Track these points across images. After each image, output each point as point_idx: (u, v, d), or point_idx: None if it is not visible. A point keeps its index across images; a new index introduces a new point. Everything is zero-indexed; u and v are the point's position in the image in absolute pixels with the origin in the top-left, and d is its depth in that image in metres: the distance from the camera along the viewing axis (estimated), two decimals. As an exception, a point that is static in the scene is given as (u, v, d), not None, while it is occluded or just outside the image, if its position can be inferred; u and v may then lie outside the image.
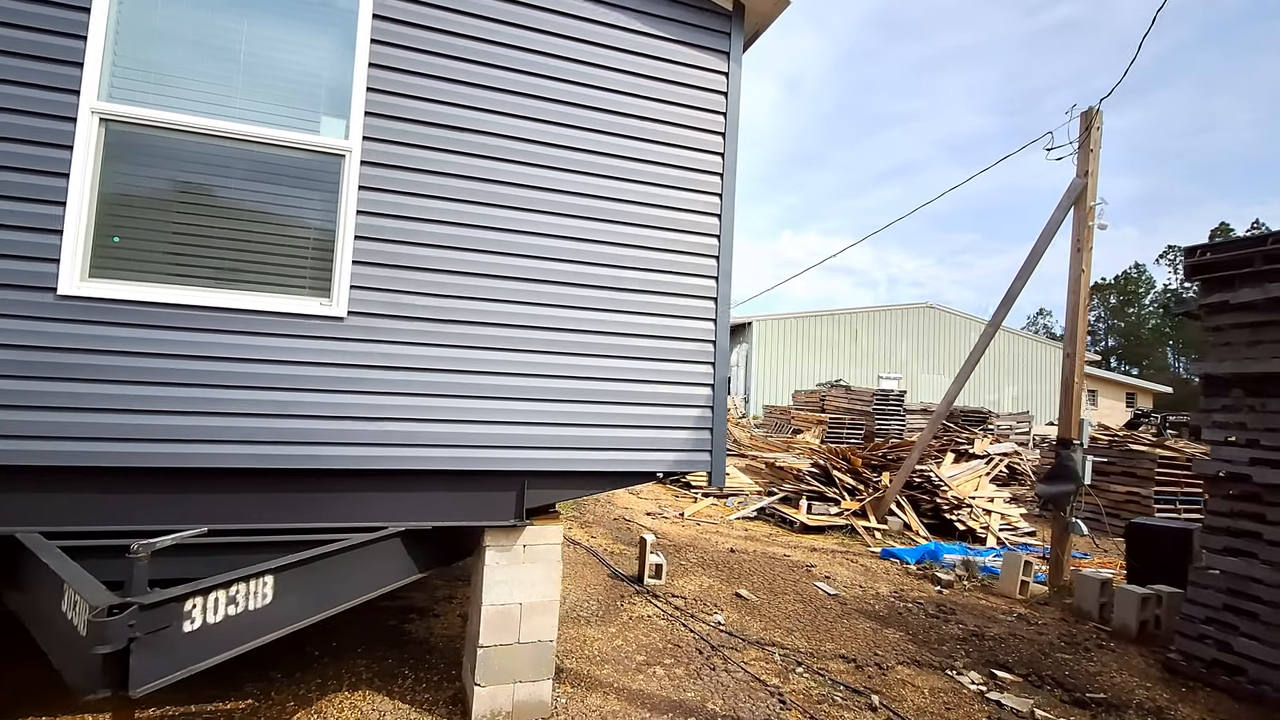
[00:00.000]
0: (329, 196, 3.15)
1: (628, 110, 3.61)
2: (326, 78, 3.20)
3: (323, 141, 3.14)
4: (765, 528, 9.02)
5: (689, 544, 7.72)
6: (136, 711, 3.18)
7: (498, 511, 3.40)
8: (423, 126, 3.28)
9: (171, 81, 3.00)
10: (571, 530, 8.16)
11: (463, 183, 3.32)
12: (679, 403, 3.65)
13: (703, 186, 3.75)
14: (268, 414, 2.99)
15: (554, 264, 3.44)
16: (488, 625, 3.40)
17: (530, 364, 3.39)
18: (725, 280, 3.77)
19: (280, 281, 3.10)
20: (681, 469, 3.66)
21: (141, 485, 2.88)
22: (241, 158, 3.08)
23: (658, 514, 9.51)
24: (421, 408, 3.21)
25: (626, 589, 5.86)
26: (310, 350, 3.07)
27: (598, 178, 3.54)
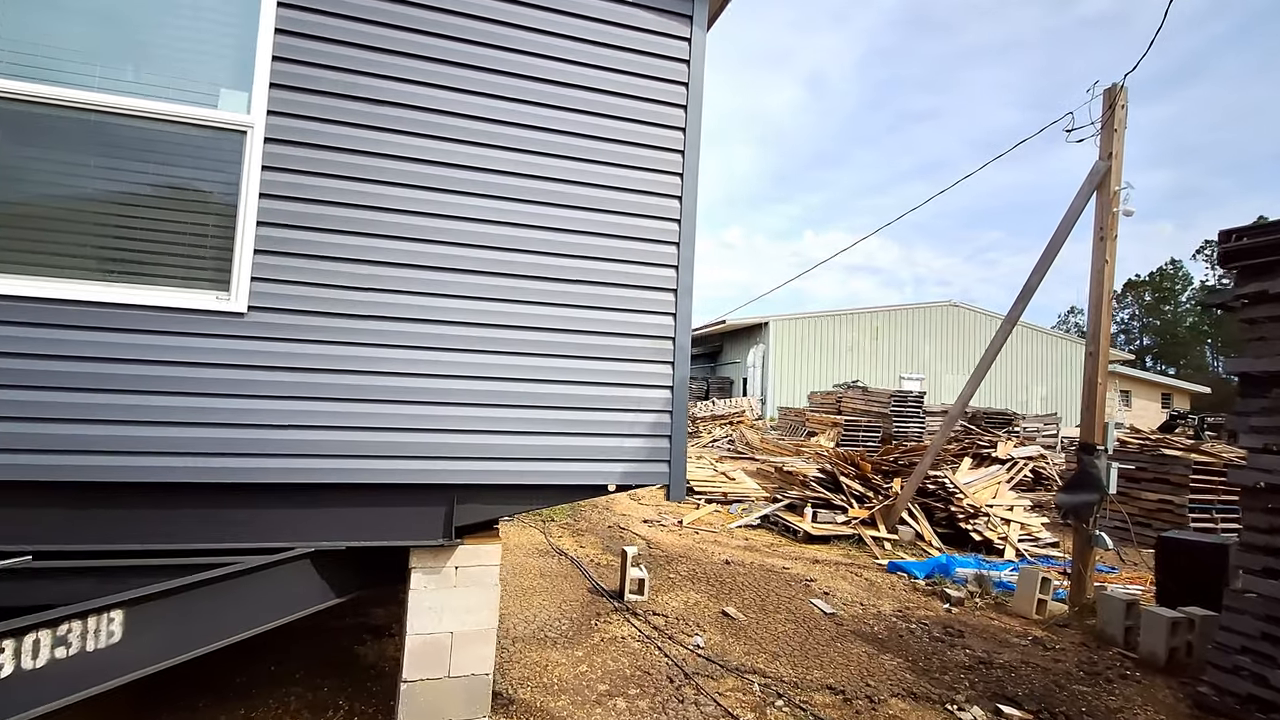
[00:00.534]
0: (230, 179, 2.82)
1: (574, 81, 3.24)
2: (227, 45, 2.88)
3: (221, 117, 2.81)
4: (768, 537, 8.56)
5: (682, 555, 7.30)
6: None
7: (424, 529, 3.04)
8: (337, 99, 2.93)
9: (52, 52, 2.70)
10: (561, 539, 7.81)
11: (381, 162, 2.97)
12: (632, 407, 3.26)
13: (662, 166, 3.36)
14: (156, 421, 2.66)
15: (485, 252, 3.07)
16: (413, 657, 3.04)
17: (459, 364, 3.02)
18: (687, 270, 3.37)
19: (174, 274, 2.78)
20: (635, 481, 3.26)
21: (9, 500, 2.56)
22: (131, 137, 2.76)
23: (655, 521, 9.11)
24: (332, 413, 2.86)
25: (605, 606, 5.47)
26: (206, 350, 2.74)
27: (538, 155, 3.17)
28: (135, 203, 2.77)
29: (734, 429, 19.55)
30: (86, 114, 2.68)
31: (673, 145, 3.37)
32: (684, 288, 3.36)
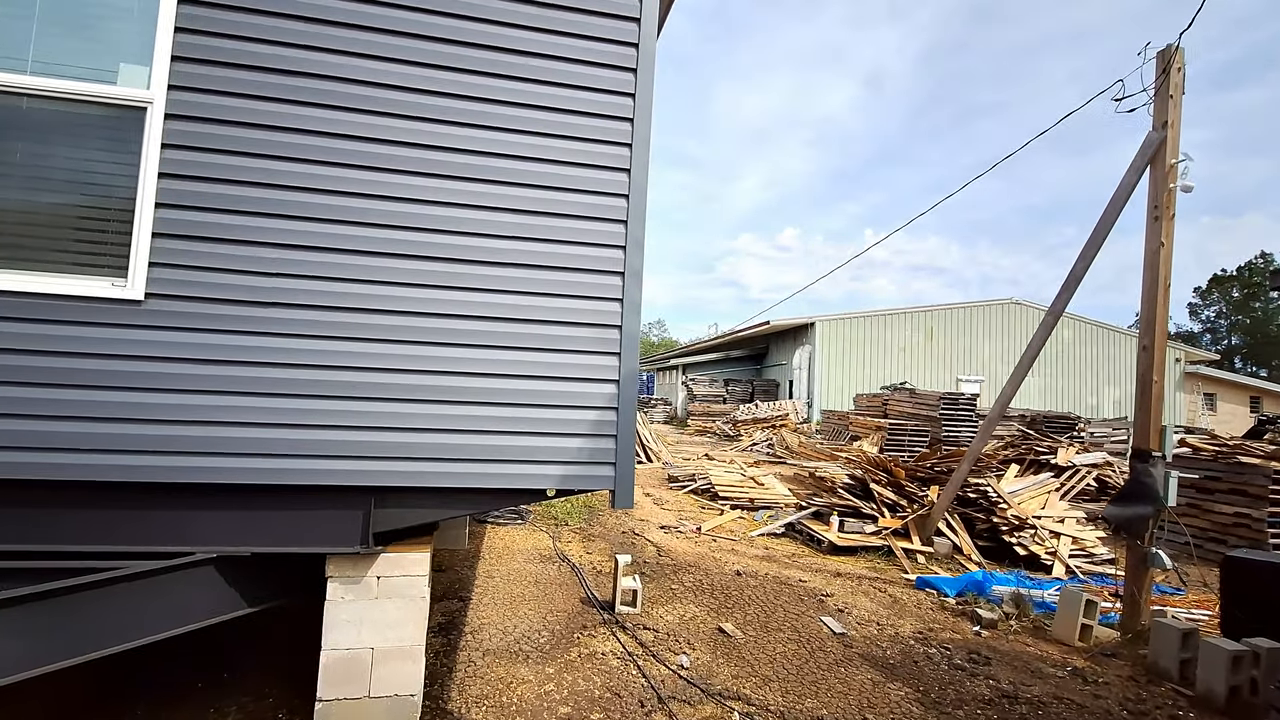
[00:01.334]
0: (130, 159, 2.65)
1: (507, 29, 2.94)
2: (128, 17, 2.71)
3: (119, 93, 2.64)
4: (790, 547, 8.05)
5: (691, 564, 6.90)
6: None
7: (339, 536, 2.80)
8: (241, 71, 2.73)
9: (-57, 29, 2.58)
10: (569, 544, 7.53)
11: (289, 136, 2.75)
12: (571, 403, 2.93)
13: (608, 135, 3.03)
14: (40, 415, 2.50)
15: (403, 233, 2.81)
16: (328, 674, 2.79)
17: (375, 355, 2.77)
18: (636, 250, 3.02)
19: (69, 260, 2.62)
20: (576, 486, 2.93)
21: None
22: (22, 116, 2.62)
23: (673, 528, 8.73)
24: (237, 408, 2.65)
25: (594, 617, 5.15)
26: (101, 340, 2.57)
27: (466, 128, 2.89)
28: (29, 186, 2.62)
29: (775, 432, 18.91)
30: (-21, 93, 2.55)
31: (621, 113, 3.04)
32: (633, 270, 3.01)
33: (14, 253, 2.56)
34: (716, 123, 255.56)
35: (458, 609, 5.16)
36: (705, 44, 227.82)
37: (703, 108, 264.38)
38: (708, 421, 24.86)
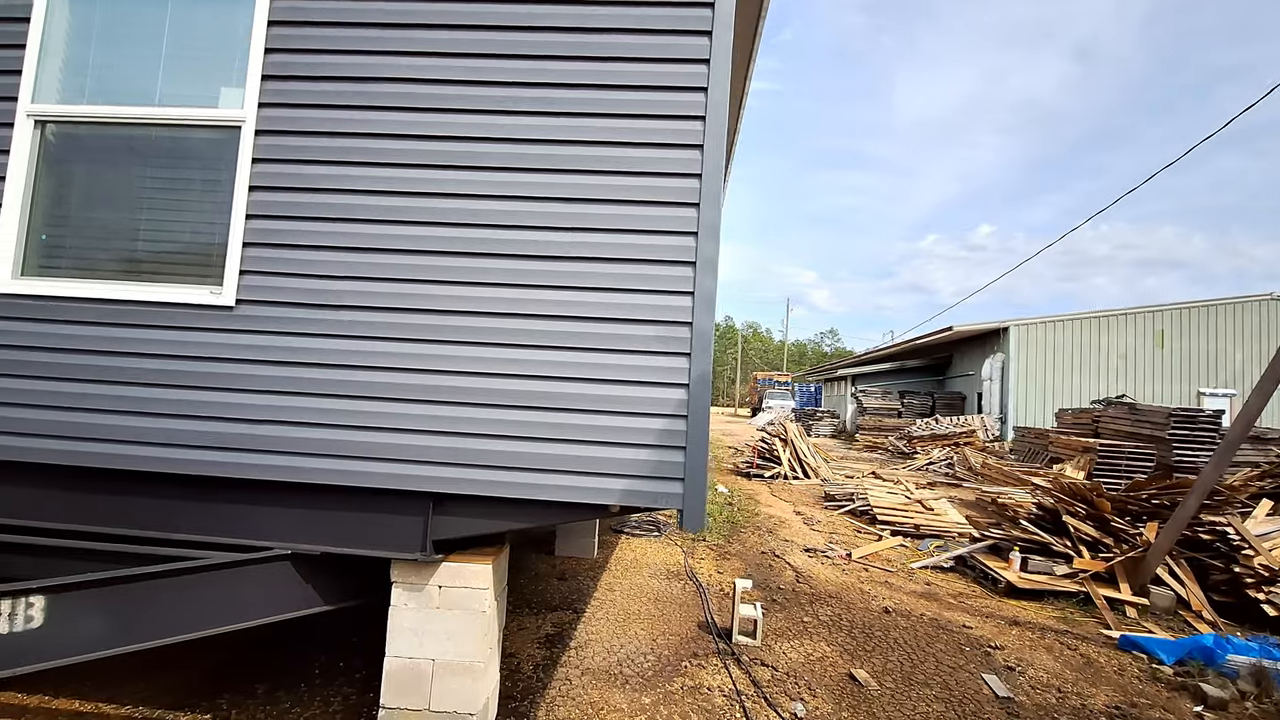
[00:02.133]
0: (227, 174, 2.84)
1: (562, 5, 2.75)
2: (226, 46, 2.92)
3: (219, 115, 2.86)
4: (957, 584, 6.95)
5: (832, 595, 6.20)
6: (80, 704, 3.17)
7: (401, 541, 2.75)
8: (318, 83, 2.83)
9: (93, 75, 2.97)
10: (702, 561, 7.17)
11: (362, 142, 2.79)
12: (634, 409, 2.63)
13: (679, 110, 2.70)
14: (158, 413, 2.74)
15: (460, 230, 2.71)
16: (391, 682, 2.74)
17: (432, 356, 2.70)
18: (709, 237, 2.65)
19: (181, 271, 2.87)
20: (639, 502, 2.61)
21: (37, 481, 2.81)
22: (149, 143, 2.92)
23: (819, 551, 7.98)
24: (304, 409, 2.71)
25: (708, 645, 4.75)
26: (200, 344, 2.78)
27: (526, 116, 2.74)
28: (150, 205, 2.92)
29: (957, 451, 16.89)
30: (115, 128, 2.88)
31: (691, 82, 2.70)
32: (706, 260, 2.64)
33: (133, 265, 2.86)
34: (895, 118, 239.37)
35: (569, 621, 5.05)
36: (879, 35, 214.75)
37: (879, 103, 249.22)
38: (879, 437, 22.99)
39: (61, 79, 2.95)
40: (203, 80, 2.93)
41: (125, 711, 3.33)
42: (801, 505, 11.25)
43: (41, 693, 3.44)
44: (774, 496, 12.11)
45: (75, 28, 2.98)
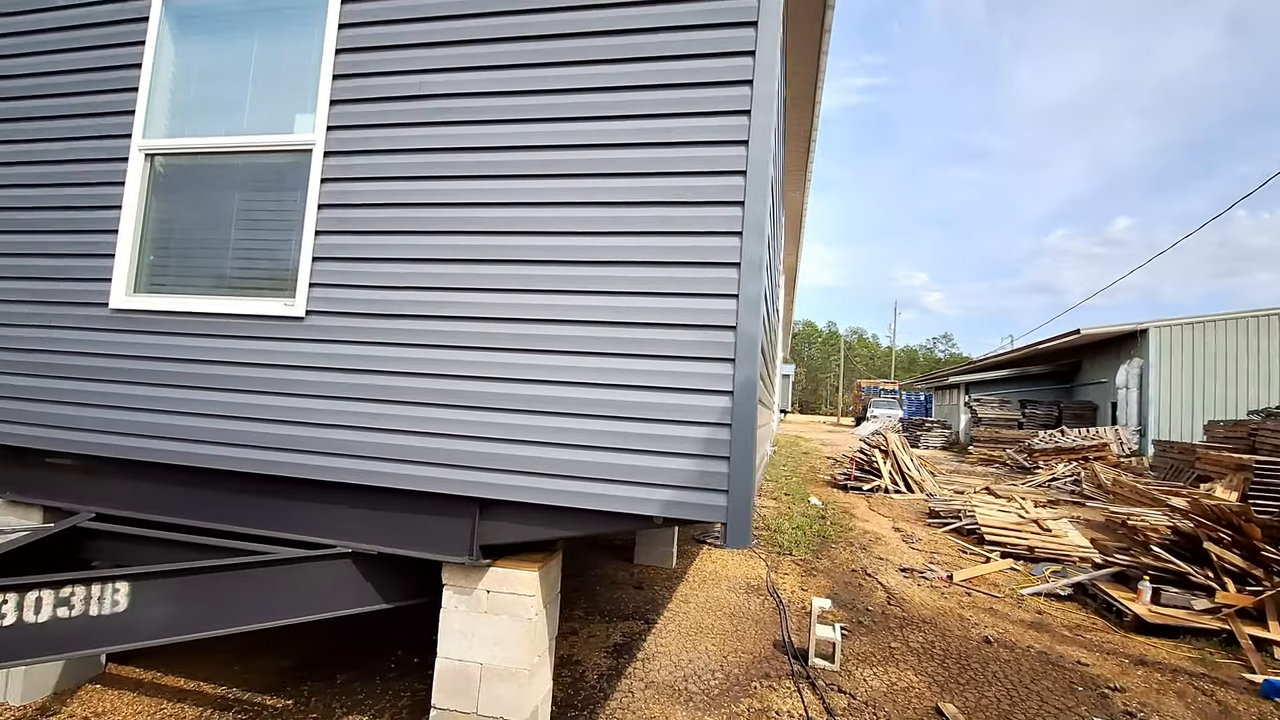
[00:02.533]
0: (300, 194, 3.04)
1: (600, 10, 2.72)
2: (301, 76, 3.13)
3: (294, 140, 3.07)
4: (1075, 615, 6.25)
5: (926, 620, 5.75)
6: (185, 682, 3.46)
7: (450, 545, 2.80)
8: (381, 104, 2.96)
9: (191, 110, 3.27)
10: (785, 576, 6.89)
11: (409, 157, 2.91)
12: (675, 417, 2.53)
13: (719, 104, 2.60)
14: (237, 416, 2.97)
15: (502, 239, 2.74)
16: (442, 683, 2.79)
17: (475, 363, 2.74)
18: (754, 237, 2.52)
19: (262, 285, 3.09)
20: (681, 514, 2.50)
21: (150, 476, 3.11)
22: (236, 170, 3.18)
23: (916, 572, 7.45)
24: (361, 414, 2.84)
25: (781, 666, 4.53)
26: (274, 352, 2.98)
27: (566, 122, 2.73)
28: (238, 226, 3.18)
29: (1085, 466, 15.33)
30: (208, 157, 3.17)
31: (734, 75, 2.58)
32: (750, 261, 2.51)
33: (222, 281, 3.12)
34: (1014, 106, 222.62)
35: (640, 631, 4.99)
36: (996, 18, 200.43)
37: (995, 92, 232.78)
38: (995, 449, 21.30)
39: (166, 115, 3.28)
40: (281, 108, 3.16)
41: (220, 691, 3.62)
42: (902, 521, 10.59)
43: (156, 669, 3.81)
44: (872, 511, 11.49)
45: (178, 69, 3.31)
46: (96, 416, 3.15)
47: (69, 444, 3.18)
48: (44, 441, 3.22)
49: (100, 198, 3.28)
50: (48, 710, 3.32)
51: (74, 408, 3.19)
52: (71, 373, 3.22)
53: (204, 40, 3.32)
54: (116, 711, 3.34)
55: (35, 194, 3.39)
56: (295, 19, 3.16)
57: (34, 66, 3.46)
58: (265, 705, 3.48)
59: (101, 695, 3.50)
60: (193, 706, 3.42)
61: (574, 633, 4.84)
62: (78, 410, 3.18)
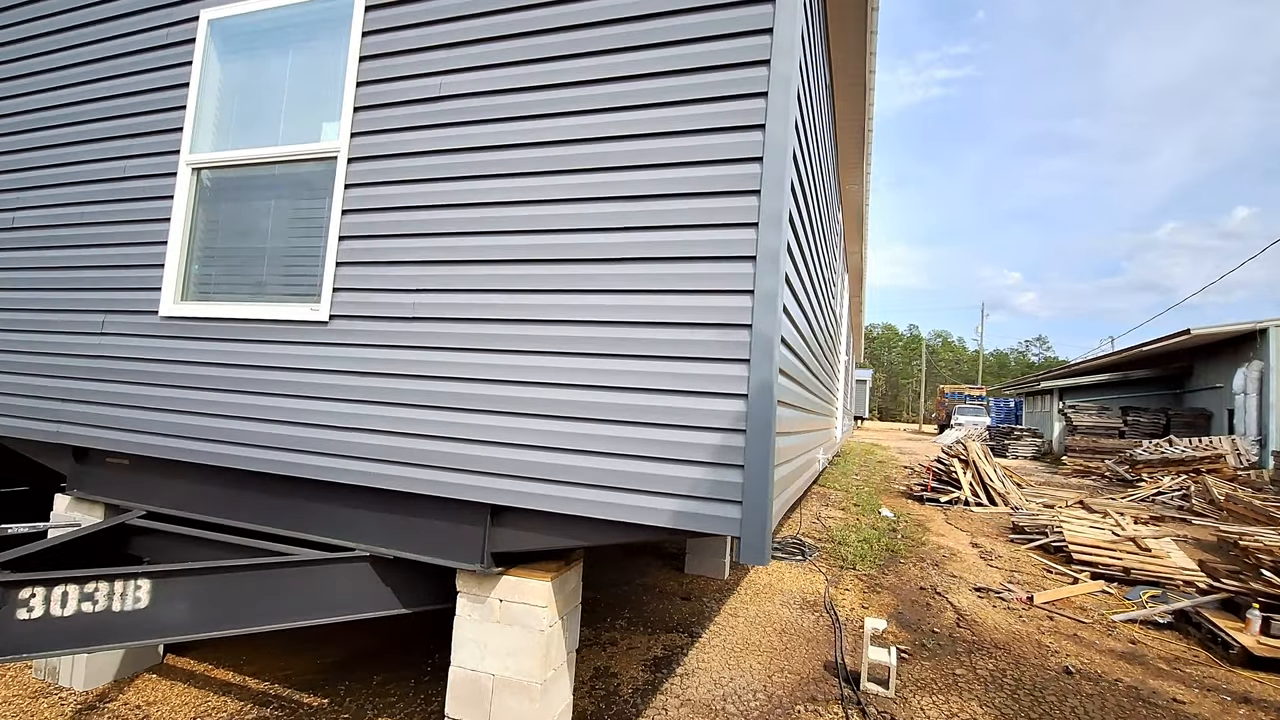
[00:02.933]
0: (324, 201, 3.10)
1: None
2: (329, 85, 3.18)
3: (320, 147, 3.12)
4: (1174, 645, 5.59)
5: (999, 645, 5.28)
6: (232, 675, 3.58)
7: (463, 551, 2.75)
8: (398, 108, 2.97)
9: (232, 124, 3.40)
10: (845, 592, 6.53)
11: (430, 159, 2.88)
12: (686, 421, 2.38)
13: (735, 87, 2.43)
14: (263, 419, 3.04)
15: (511, 238, 2.68)
16: (455, 692, 2.74)
17: (488, 365, 2.68)
18: (771, 228, 2.34)
19: (293, 290, 3.16)
20: (690, 526, 2.34)
21: (191, 476, 3.23)
22: (271, 179, 3.28)
23: (992, 591, 6.90)
24: (376, 417, 2.84)
25: (830, 690, 4.25)
26: (300, 356, 3.04)
27: (580, 115, 2.64)
28: (273, 233, 3.26)
29: (1195, 480, 13.91)
30: (246, 168, 3.28)
31: (751, 56, 2.41)
32: (767, 253, 2.33)
33: (258, 287, 3.21)
34: (1111, 92, 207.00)
35: (683, 644, 4.82)
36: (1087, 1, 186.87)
37: (1090, 78, 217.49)
38: (1092, 460, 19.70)
39: (209, 130, 3.43)
40: (312, 118, 3.23)
41: (263, 685, 3.72)
42: (981, 536, 9.90)
43: (209, 662, 3.97)
44: (949, 524, 10.81)
45: (220, 86, 3.46)
46: (143, 418, 3.31)
47: (122, 444, 3.36)
48: (102, 442, 3.42)
49: (153, 211, 3.46)
50: (106, 697, 3.51)
51: (126, 410, 3.37)
52: (126, 377, 3.41)
53: (243, 57, 3.44)
54: (165, 701, 3.49)
55: (98, 210, 3.63)
56: (324, 29, 3.23)
57: (94, 93, 3.71)
58: (302, 703, 3.55)
59: (156, 685, 3.68)
60: (235, 700, 3.53)
61: (613, 643, 4.73)
62: (129, 413, 3.36)
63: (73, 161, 3.75)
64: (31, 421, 3.64)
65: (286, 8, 3.31)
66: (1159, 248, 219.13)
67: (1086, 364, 28.23)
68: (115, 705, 3.43)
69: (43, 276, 3.75)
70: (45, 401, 3.61)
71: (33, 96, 3.92)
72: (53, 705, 3.41)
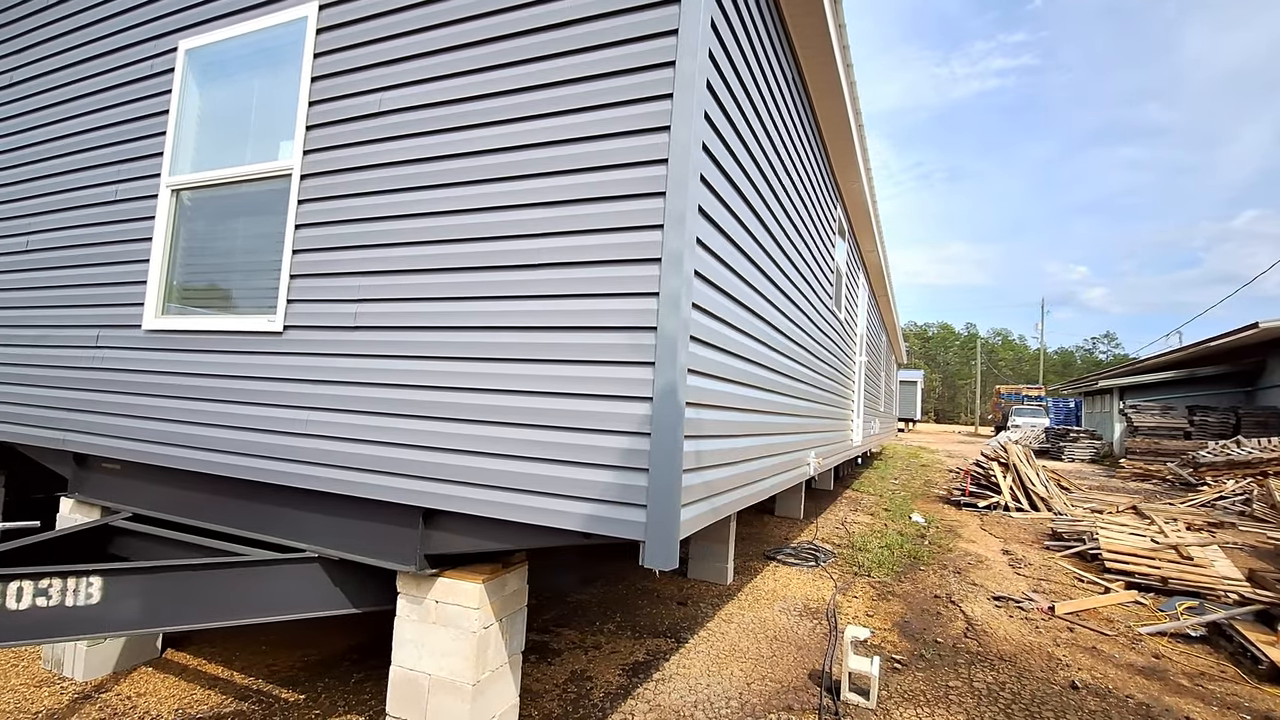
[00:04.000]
0: (283, 217, 3.23)
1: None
2: (288, 106, 3.32)
3: (278, 166, 3.26)
4: (1201, 659, 5.22)
5: (1004, 658, 5.05)
6: (222, 670, 3.75)
7: (401, 553, 2.82)
8: (347, 124, 3.08)
9: (205, 147, 3.59)
10: (856, 599, 6.37)
11: (377, 173, 2.98)
12: (593, 425, 2.38)
13: (638, 91, 2.44)
14: (226, 425, 3.19)
15: (421, 249, 2.76)
16: (395, 691, 2.81)
17: (413, 371, 2.75)
18: (676, 229, 2.32)
19: (256, 303, 3.31)
20: (599, 529, 2.34)
21: (167, 480, 3.41)
22: (238, 199, 3.45)
23: (1013, 601, 6.59)
24: (325, 423, 2.94)
25: (809, 700, 4.15)
26: (258, 365, 3.18)
27: (495, 126, 2.69)
28: (240, 250, 3.43)
29: (1262, 484, 12.97)
30: (217, 188, 3.46)
31: (654, 59, 2.41)
32: (673, 256, 2.32)
33: (226, 300, 3.38)
34: (1183, 75, 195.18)
35: (666, 650, 4.79)
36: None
37: (1161, 62, 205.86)
38: (1152, 463, 18.60)
39: (185, 154, 3.64)
40: (273, 138, 3.39)
41: (248, 681, 3.89)
42: (1015, 543, 9.48)
43: (202, 657, 4.18)
44: (983, 530, 10.40)
45: (195, 111, 3.66)
46: (128, 426, 3.53)
47: (112, 450, 3.58)
48: (96, 448, 3.66)
49: (139, 231, 3.69)
50: (103, 687, 3.73)
51: (115, 418, 3.60)
52: (116, 387, 3.64)
53: (217, 82, 3.64)
54: (155, 693, 3.69)
55: (96, 231, 3.89)
56: (285, 53, 3.38)
57: (93, 123, 3.99)
58: (280, 698, 3.69)
59: (149, 677, 3.89)
60: (218, 694, 3.70)
61: (597, 647, 4.74)
62: (117, 421, 3.59)
63: (77, 187, 4.03)
64: (41, 430, 3.92)
65: (254, 34, 3.48)
66: (1237, 237, 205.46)
67: (1149, 361, 26.66)
68: (108, 695, 3.65)
69: (51, 295, 4.04)
70: (52, 411, 3.89)
71: (43, 129, 4.24)
72: (53, 694, 3.65)
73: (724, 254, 2.79)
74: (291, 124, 3.25)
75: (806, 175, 4.84)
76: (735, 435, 3.07)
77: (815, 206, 5.34)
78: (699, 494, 2.55)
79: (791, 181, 4.27)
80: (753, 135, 3.21)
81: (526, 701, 3.75)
